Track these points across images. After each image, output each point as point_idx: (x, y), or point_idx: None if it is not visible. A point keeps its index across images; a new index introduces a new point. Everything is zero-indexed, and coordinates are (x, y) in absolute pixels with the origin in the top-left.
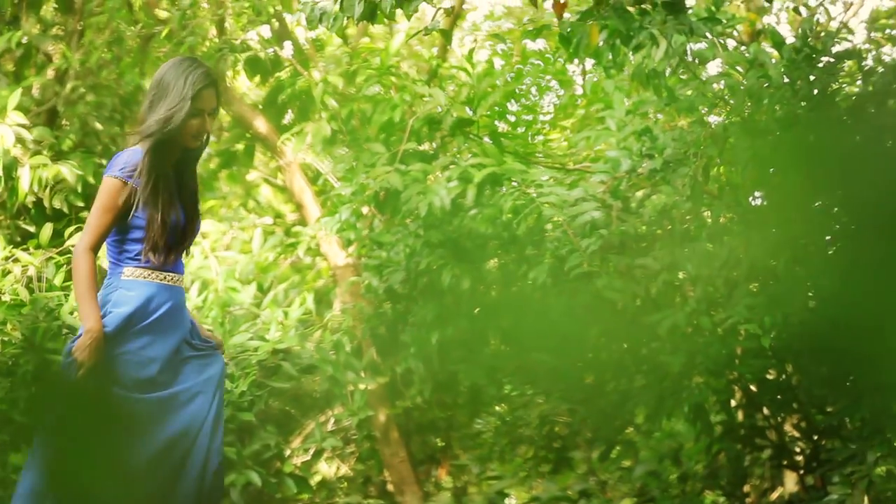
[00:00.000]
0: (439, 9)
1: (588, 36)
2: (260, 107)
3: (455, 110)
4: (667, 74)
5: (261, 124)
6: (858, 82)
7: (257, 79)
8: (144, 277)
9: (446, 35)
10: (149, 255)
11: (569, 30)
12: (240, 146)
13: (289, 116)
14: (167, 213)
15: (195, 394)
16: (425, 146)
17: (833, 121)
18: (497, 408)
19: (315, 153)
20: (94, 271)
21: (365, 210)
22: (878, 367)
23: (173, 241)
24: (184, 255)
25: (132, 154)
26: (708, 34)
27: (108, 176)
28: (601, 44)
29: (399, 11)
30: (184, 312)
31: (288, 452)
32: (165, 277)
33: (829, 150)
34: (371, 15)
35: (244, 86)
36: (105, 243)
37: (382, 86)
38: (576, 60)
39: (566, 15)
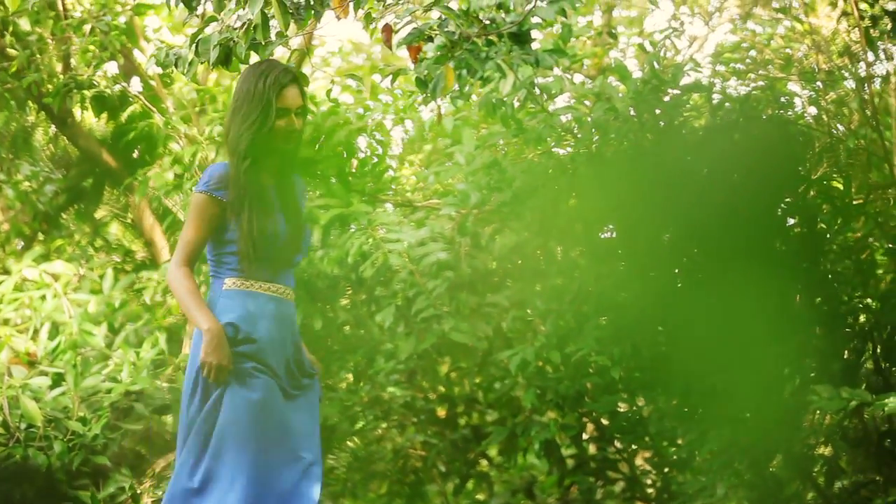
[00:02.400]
0: (294, 51)
1: (444, 78)
2: (108, 143)
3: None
4: (515, 107)
5: (109, 160)
6: (705, 115)
7: (104, 116)
8: (246, 288)
9: (302, 76)
10: (247, 266)
11: (425, 73)
12: (87, 182)
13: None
14: (263, 224)
15: None
16: None
17: (680, 153)
18: (350, 443)
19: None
20: (192, 280)
21: None
22: (726, 399)
23: (274, 251)
24: (291, 265)
25: (216, 167)
26: (556, 68)
27: (195, 191)
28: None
29: (254, 56)
30: (290, 327)
31: (140, 491)
32: (269, 289)
33: (676, 183)
34: (226, 60)
35: (92, 121)
36: (207, 257)
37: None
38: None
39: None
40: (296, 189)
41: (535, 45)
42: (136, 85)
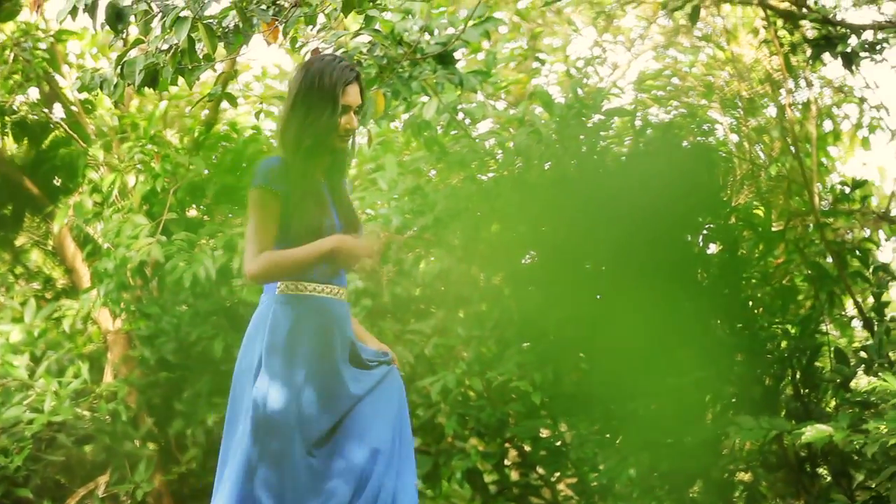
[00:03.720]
0: (221, 74)
1: (374, 104)
2: (29, 169)
3: (219, 178)
4: (439, 131)
5: (30, 187)
6: (627, 141)
7: (25, 142)
8: (300, 292)
9: (232, 100)
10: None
11: None
12: (7, 210)
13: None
14: (320, 220)
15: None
16: (193, 213)
17: (603, 179)
18: None
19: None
20: (278, 251)
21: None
22: (647, 425)
23: None
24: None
25: (270, 162)
26: (479, 93)
27: (253, 187)
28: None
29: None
30: (345, 329)
31: None
32: (323, 290)
33: (599, 209)
34: (153, 82)
35: (12, 147)
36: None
37: (144, 154)
38: None
39: None
40: (346, 187)
41: (459, 67)
42: (58, 112)
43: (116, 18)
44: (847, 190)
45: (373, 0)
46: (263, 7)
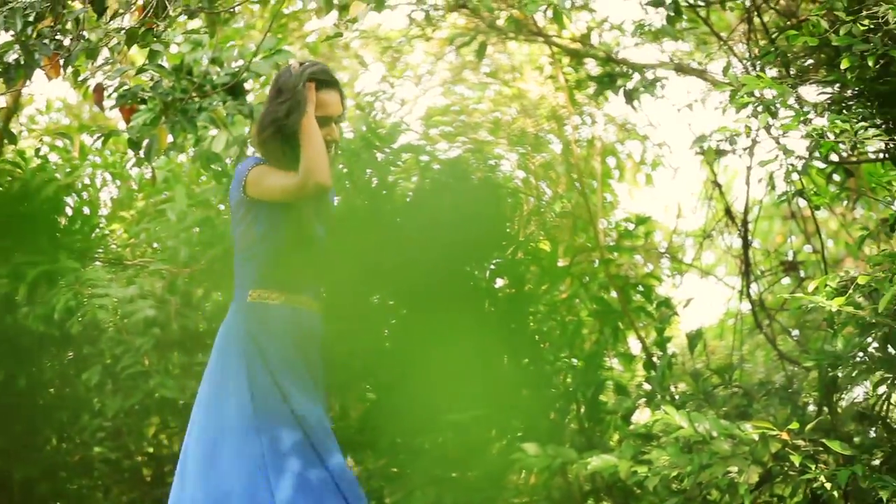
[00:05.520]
0: (2, 109)
1: (157, 141)
2: None
3: (4, 207)
4: (228, 163)
5: None
6: (414, 178)
7: None
8: (274, 300)
9: (11, 137)
10: (278, 275)
11: (138, 134)
12: None
13: None
14: (312, 228)
15: None
16: None
17: (391, 214)
18: None
19: None
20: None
21: None
22: (433, 459)
23: (311, 256)
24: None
25: (257, 158)
26: None
27: (254, 168)
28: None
29: None
30: (315, 341)
31: None
32: (295, 301)
33: (386, 243)
34: None
35: None
36: (235, 263)
37: None
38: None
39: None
40: (330, 199)
41: (250, 99)
42: None
43: None
44: (631, 226)
45: (156, 35)
46: (45, 41)
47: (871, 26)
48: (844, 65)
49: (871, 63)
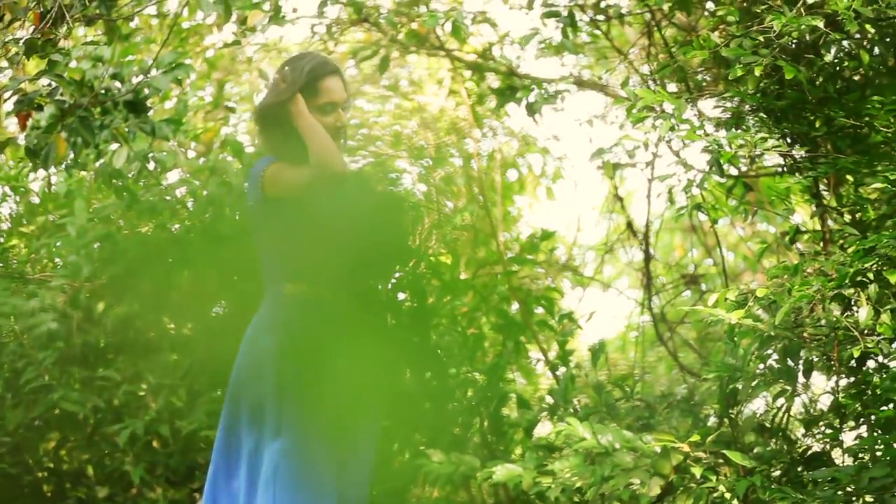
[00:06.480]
0: None
1: (55, 148)
2: None
3: None
4: (130, 178)
5: None
6: None
7: None
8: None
9: None
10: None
11: (35, 142)
12: None
13: None
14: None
15: None
16: None
17: None
18: None
19: None
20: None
21: None
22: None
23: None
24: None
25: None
26: (171, 140)
27: (269, 166)
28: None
29: None
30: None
31: None
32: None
33: None
34: None
35: None
36: (263, 263)
37: None
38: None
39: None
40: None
41: (150, 114)
42: None
43: None
44: (534, 239)
45: (55, 45)
46: None
47: (762, 40)
48: (732, 76)
49: (757, 73)
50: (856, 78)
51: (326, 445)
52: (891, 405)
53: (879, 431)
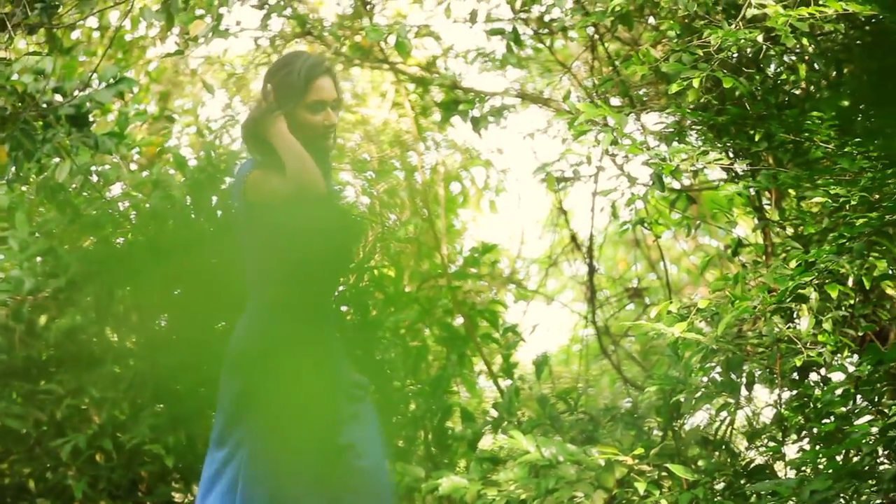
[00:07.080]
0: None
1: None
2: None
3: None
4: (72, 191)
5: None
6: None
7: None
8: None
9: None
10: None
11: None
12: None
13: None
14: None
15: None
16: None
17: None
18: None
19: None
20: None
21: None
22: None
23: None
24: None
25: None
26: (115, 155)
27: (253, 171)
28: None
29: None
30: None
31: None
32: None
33: (234, 271)
34: None
35: None
36: (248, 270)
37: None
38: None
39: None
40: (332, 189)
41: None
42: None
43: None
44: (477, 253)
45: None
46: None
47: (702, 54)
48: (671, 90)
49: (696, 85)
50: (796, 92)
51: (293, 455)
52: (832, 418)
53: (821, 444)
